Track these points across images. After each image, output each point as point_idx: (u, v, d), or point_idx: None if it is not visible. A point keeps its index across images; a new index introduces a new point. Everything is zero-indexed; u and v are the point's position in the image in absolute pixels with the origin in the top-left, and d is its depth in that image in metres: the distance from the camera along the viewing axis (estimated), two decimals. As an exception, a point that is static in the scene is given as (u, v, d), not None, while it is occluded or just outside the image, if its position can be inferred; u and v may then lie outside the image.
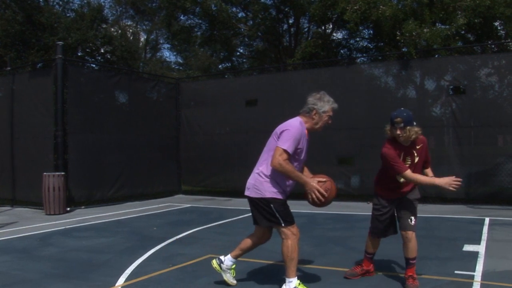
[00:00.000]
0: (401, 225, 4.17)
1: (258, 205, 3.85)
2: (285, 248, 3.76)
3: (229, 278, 4.19)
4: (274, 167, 3.68)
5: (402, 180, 4.08)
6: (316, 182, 3.74)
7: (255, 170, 3.92)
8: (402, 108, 4.11)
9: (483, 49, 14.10)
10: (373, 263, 4.52)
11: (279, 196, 3.81)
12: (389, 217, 4.29)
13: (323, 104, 3.86)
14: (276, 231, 3.91)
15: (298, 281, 3.83)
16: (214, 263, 4.19)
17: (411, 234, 4.10)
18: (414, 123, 3.97)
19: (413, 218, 4.14)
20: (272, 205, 3.78)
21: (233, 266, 4.20)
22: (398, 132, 3.96)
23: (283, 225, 3.77)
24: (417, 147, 4.12)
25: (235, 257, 4.16)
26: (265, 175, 3.82)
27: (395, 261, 4.96)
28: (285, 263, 3.80)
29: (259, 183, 3.83)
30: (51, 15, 18.07)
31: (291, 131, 3.72)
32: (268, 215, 3.82)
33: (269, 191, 3.79)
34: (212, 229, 7.55)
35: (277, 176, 3.78)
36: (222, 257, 4.19)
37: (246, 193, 3.93)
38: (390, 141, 4.10)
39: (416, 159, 4.12)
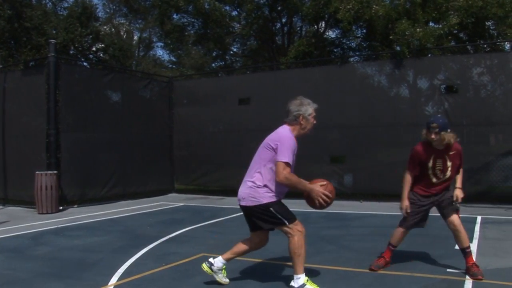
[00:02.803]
0: (446, 214, 4.56)
1: (257, 212, 3.91)
2: (292, 245, 3.86)
3: (221, 278, 4.23)
4: (281, 182, 3.80)
5: (434, 180, 4.51)
6: (319, 187, 3.90)
7: (247, 179, 3.97)
8: (439, 115, 4.58)
9: (475, 49, 14.18)
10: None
11: (275, 199, 3.89)
12: (422, 211, 4.62)
13: (306, 108, 4.02)
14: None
15: (306, 278, 3.92)
16: (205, 266, 4.21)
17: (456, 218, 4.52)
18: (449, 130, 4.33)
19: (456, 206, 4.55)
20: (271, 208, 3.87)
21: (224, 267, 4.23)
22: (433, 136, 4.33)
23: (286, 223, 3.86)
24: (450, 153, 4.46)
25: (227, 260, 4.20)
26: (260, 185, 3.89)
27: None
28: (292, 259, 3.89)
29: (254, 191, 3.89)
30: (38, 16, 17.79)
31: (287, 142, 3.84)
32: (270, 218, 3.90)
33: (265, 197, 3.87)
34: (205, 228, 7.55)
35: (271, 183, 3.87)
36: (211, 259, 4.21)
37: (242, 203, 3.97)
38: (424, 143, 4.49)
39: (449, 164, 4.48)
